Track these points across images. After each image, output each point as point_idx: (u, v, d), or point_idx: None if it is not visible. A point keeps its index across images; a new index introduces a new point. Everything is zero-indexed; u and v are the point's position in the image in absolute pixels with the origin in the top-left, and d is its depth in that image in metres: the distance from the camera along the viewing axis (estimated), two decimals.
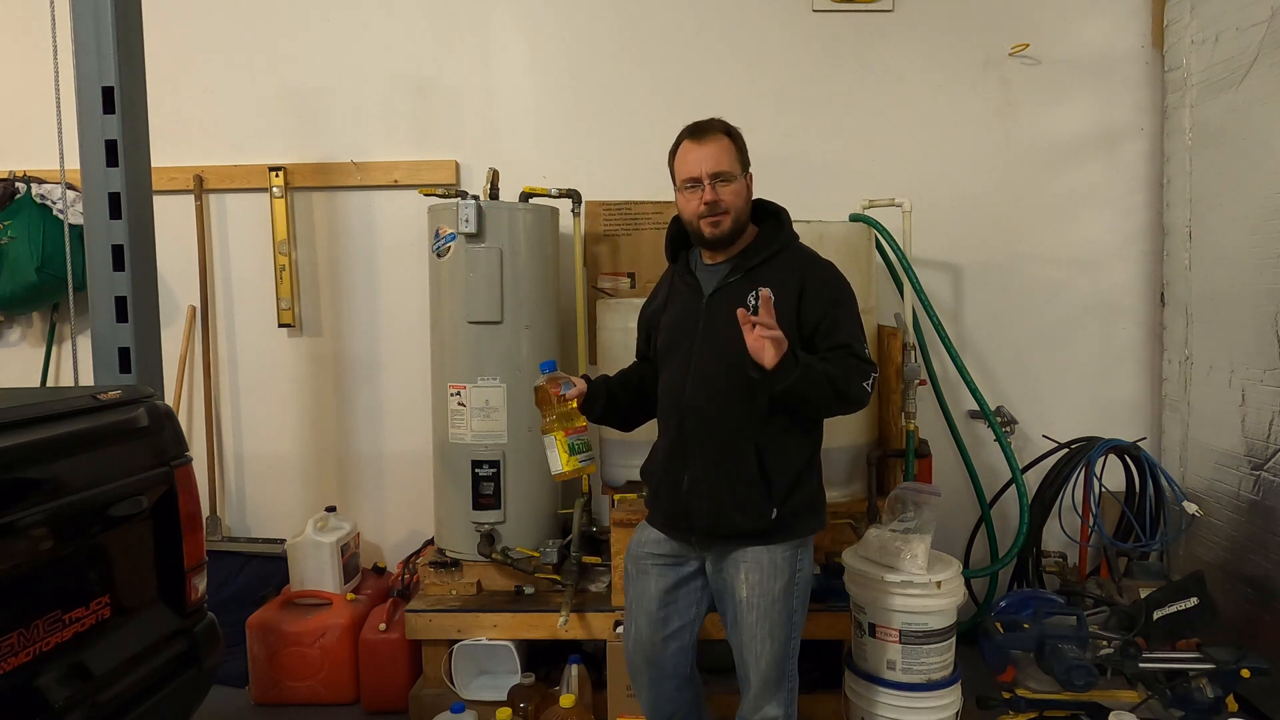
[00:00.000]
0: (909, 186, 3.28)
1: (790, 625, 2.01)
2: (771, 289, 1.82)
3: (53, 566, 1.78)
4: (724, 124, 2.01)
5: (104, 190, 2.51)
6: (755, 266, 1.98)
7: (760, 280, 1.92)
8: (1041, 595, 2.75)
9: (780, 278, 1.95)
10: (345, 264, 3.66)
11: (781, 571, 1.98)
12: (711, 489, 1.97)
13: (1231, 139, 2.99)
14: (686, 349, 2.02)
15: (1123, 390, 3.58)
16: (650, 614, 2.09)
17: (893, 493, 2.56)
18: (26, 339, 3.73)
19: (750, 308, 1.87)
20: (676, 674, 2.12)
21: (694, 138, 1.98)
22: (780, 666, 2.01)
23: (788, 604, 2.00)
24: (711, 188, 1.93)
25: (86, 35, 2.49)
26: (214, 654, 2.20)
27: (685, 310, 2.05)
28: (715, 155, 1.95)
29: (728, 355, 1.90)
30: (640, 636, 2.11)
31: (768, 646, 1.99)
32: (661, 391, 2.10)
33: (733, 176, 1.96)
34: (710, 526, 1.99)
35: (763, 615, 1.98)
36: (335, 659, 3.05)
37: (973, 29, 3.51)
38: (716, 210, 1.94)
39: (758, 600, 1.97)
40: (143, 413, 2.04)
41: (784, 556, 1.99)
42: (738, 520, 1.95)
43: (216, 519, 3.65)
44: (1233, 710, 2.40)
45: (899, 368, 3.04)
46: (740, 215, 1.99)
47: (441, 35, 3.57)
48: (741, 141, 2.02)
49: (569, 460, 1.98)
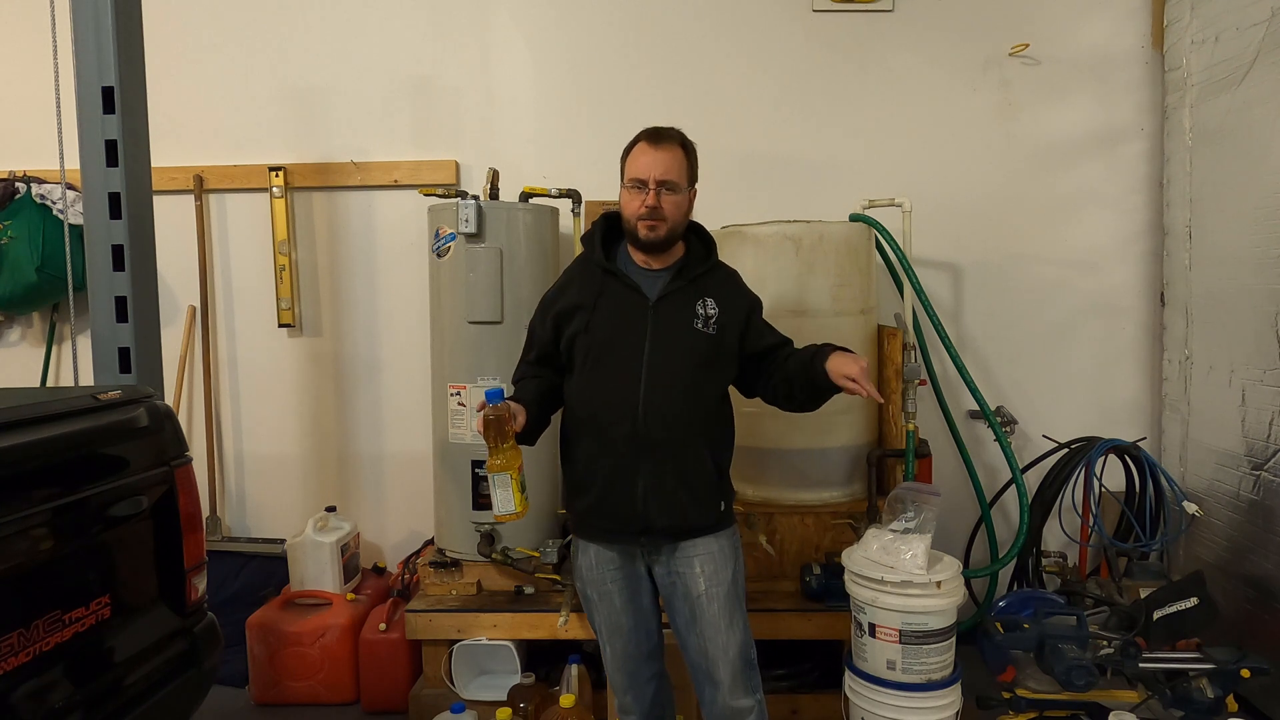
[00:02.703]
0: (909, 186, 3.28)
1: (744, 611, 2.09)
2: (720, 303, 2.05)
3: (53, 566, 1.78)
4: (682, 136, 2.05)
5: (104, 190, 2.51)
6: (699, 277, 2.07)
7: (707, 290, 2.06)
8: (1041, 595, 2.74)
9: (726, 293, 2.09)
10: (345, 264, 3.66)
11: (729, 558, 2.07)
12: (670, 489, 1.98)
13: (1231, 139, 2.99)
14: (633, 351, 2.00)
15: (1123, 390, 3.58)
16: (625, 632, 2.10)
17: (893, 493, 2.55)
18: (26, 339, 3.73)
19: (701, 315, 2.02)
20: (654, 676, 2.18)
21: (650, 141, 2.01)
22: (746, 653, 2.07)
23: (737, 588, 2.07)
24: (656, 193, 1.97)
25: (86, 35, 2.49)
26: (214, 654, 2.21)
27: (625, 312, 2.03)
28: (666, 163, 1.98)
29: (681, 357, 2.00)
30: (625, 653, 2.12)
31: (734, 635, 2.04)
32: (591, 395, 2.03)
33: (678, 188, 2.00)
34: (668, 527, 2.01)
35: (723, 604, 2.03)
36: (335, 659, 3.05)
37: (973, 29, 3.51)
38: (656, 216, 1.98)
39: (716, 590, 2.03)
40: (143, 413, 2.05)
41: (729, 543, 2.08)
42: (693, 517, 2.02)
43: (216, 519, 3.65)
44: (1233, 710, 2.40)
45: (899, 368, 3.04)
46: (677, 227, 2.03)
47: (441, 35, 3.57)
48: (694, 157, 2.07)
49: (521, 501, 1.86)
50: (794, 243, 2.87)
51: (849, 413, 2.96)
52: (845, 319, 2.92)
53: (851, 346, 2.89)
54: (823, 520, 2.89)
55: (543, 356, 2.13)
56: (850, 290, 2.93)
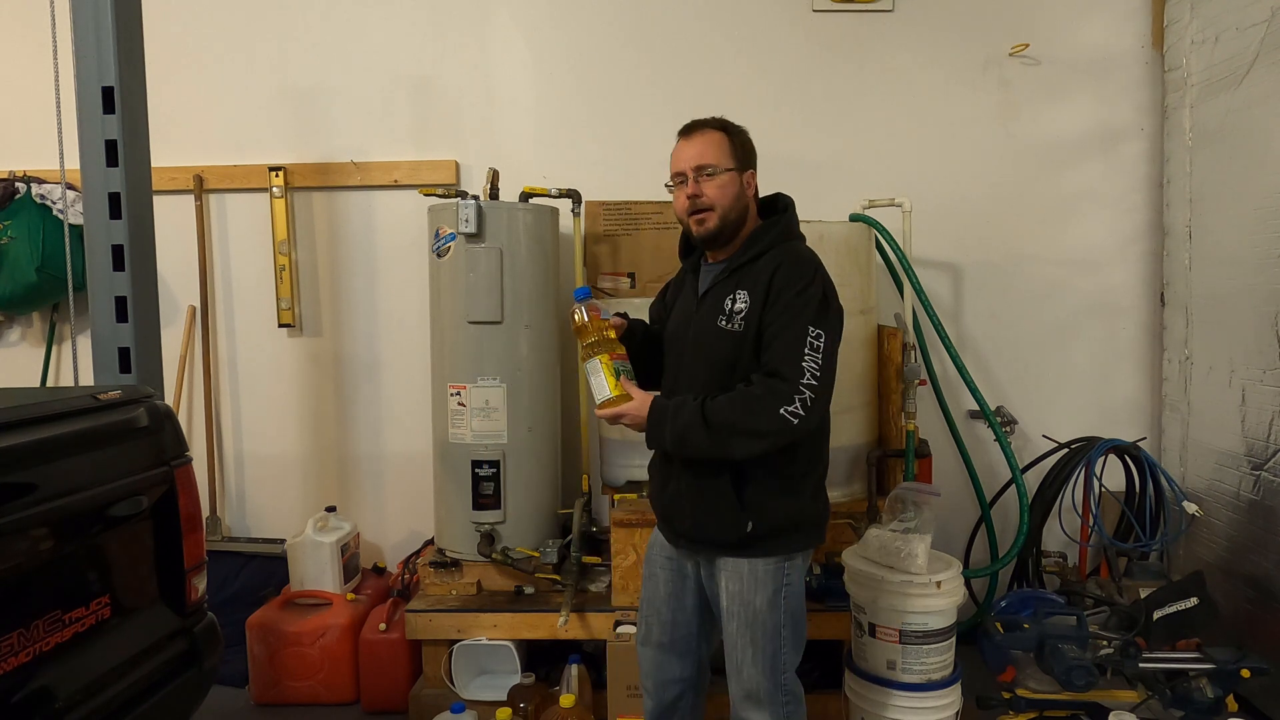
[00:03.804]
0: (909, 186, 3.28)
1: (778, 639, 1.92)
2: (753, 294, 1.84)
3: (53, 566, 1.78)
4: (721, 121, 1.95)
5: (104, 190, 2.51)
6: (741, 266, 1.90)
7: (743, 280, 1.88)
8: (1041, 595, 2.74)
9: (756, 279, 1.87)
10: (345, 264, 3.66)
11: (764, 585, 1.90)
12: (690, 498, 1.93)
13: (1231, 139, 2.99)
14: (679, 350, 1.98)
15: (1123, 390, 3.58)
16: (660, 616, 2.09)
17: (893, 493, 2.56)
18: (26, 339, 3.73)
19: (726, 311, 1.86)
20: (680, 681, 2.10)
21: (682, 135, 1.96)
22: (767, 680, 1.92)
23: (774, 618, 1.91)
24: (695, 181, 1.88)
25: (86, 35, 2.48)
26: (214, 654, 2.20)
27: (683, 310, 2.02)
28: (700, 149, 1.90)
29: (710, 359, 1.88)
30: (649, 637, 2.11)
31: (749, 656, 1.92)
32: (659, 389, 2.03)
33: (717, 170, 1.88)
34: (691, 533, 1.97)
35: (744, 625, 1.91)
36: (335, 659, 3.05)
37: (973, 29, 3.51)
38: (699, 206, 1.88)
39: (738, 610, 1.91)
40: (143, 413, 2.04)
41: (765, 570, 1.90)
42: (712, 531, 1.91)
43: (216, 519, 3.65)
44: (1233, 710, 2.40)
45: (899, 368, 3.04)
46: (729, 213, 1.90)
47: (441, 35, 3.57)
48: (740, 139, 1.95)
49: (616, 385, 1.85)
50: None
51: (849, 413, 2.96)
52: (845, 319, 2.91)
53: (852, 346, 2.94)
54: None
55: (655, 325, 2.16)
56: (850, 290, 2.93)
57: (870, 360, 3.07)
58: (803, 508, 1.93)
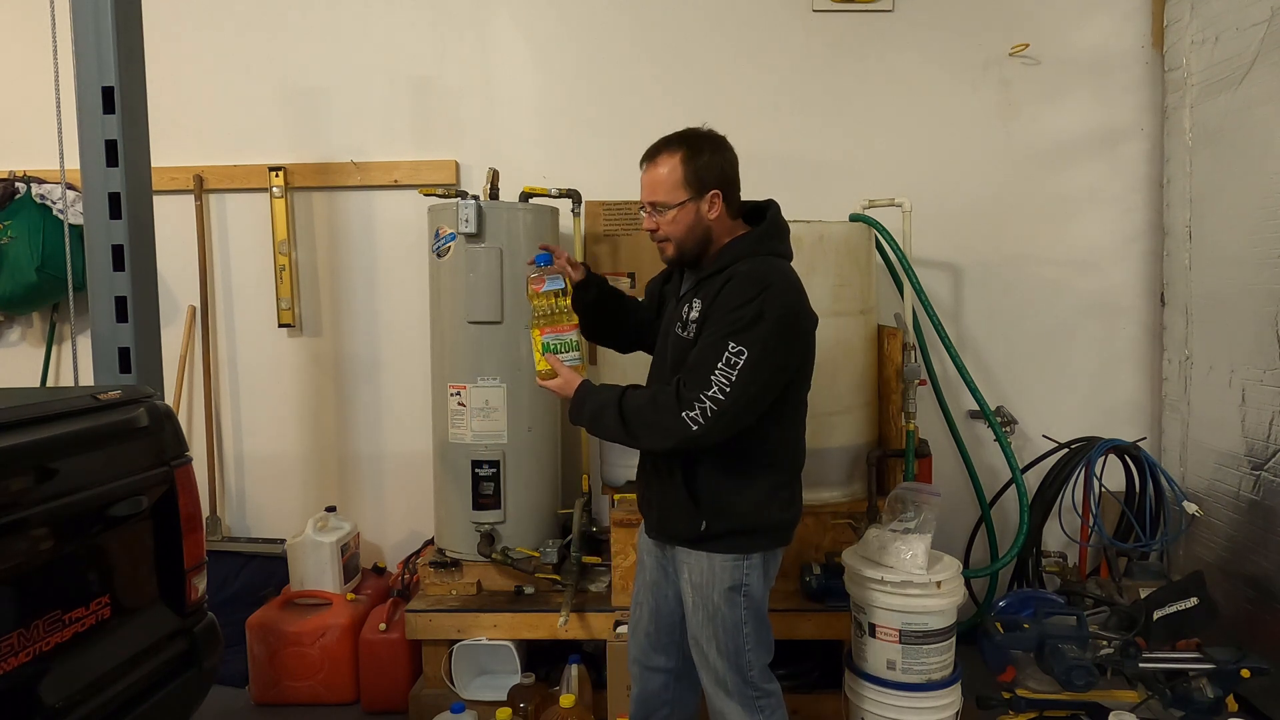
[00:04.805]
0: (909, 186, 3.28)
1: (739, 635, 1.96)
2: (702, 302, 1.89)
3: (53, 566, 1.78)
4: (675, 143, 1.92)
5: (104, 190, 2.51)
6: (705, 278, 1.94)
7: (701, 290, 1.93)
8: (1041, 595, 2.74)
9: (710, 290, 1.89)
10: (345, 264, 3.66)
11: (721, 580, 1.94)
12: (657, 494, 2.03)
13: (1231, 139, 2.99)
14: (661, 348, 2.07)
15: (1123, 390, 3.58)
16: (644, 609, 2.16)
17: (893, 493, 2.56)
18: (26, 339, 3.73)
19: (684, 319, 1.93)
20: (663, 671, 2.16)
21: (642, 163, 1.98)
22: (734, 673, 1.97)
23: (734, 614, 1.95)
24: (650, 216, 1.96)
25: (86, 35, 2.48)
26: (214, 654, 2.20)
27: (668, 311, 2.10)
28: (650, 183, 1.93)
29: (671, 361, 1.97)
30: (638, 624, 2.18)
31: (712, 650, 1.97)
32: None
33: (666, 206, 1.90)
34: (658, 527, 2.07)
35: (706, 619, 1.97)
36: (335, 659, 3.05)
37: (973, 29, 3.51)
38: (657, 238, 1.97)
39: (700, 602, 1.98)
40: (143, 413, 2.04)
41: (723, 565, 1.94)
42: (672, 526, 2.00)
43: (216, 519, 3.65)
44: (1233, 710, 2.40)
45: (899, 368, 3.04)
46: (685, 242, 1.93)
47: (441, 35, 3.57)
48: (702, 159, 1.90)
49: (540, 360, 1.97)
50: (794, 242, 2.86)
51: (849, 413, 2.96)
52: (845, 319, 2.92)
53: (852, 346, 2.94)
54: (823, 520, 2.89)
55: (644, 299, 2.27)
56: (850, 290, 2.93)
57: (870, 360, 3.07)
58: (761, 510, 1.95)
